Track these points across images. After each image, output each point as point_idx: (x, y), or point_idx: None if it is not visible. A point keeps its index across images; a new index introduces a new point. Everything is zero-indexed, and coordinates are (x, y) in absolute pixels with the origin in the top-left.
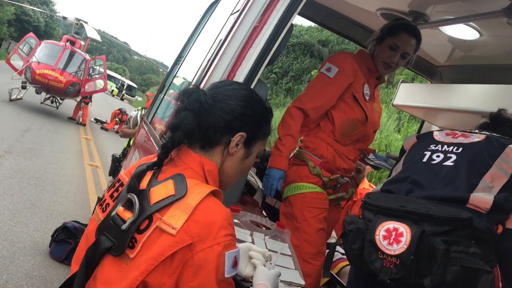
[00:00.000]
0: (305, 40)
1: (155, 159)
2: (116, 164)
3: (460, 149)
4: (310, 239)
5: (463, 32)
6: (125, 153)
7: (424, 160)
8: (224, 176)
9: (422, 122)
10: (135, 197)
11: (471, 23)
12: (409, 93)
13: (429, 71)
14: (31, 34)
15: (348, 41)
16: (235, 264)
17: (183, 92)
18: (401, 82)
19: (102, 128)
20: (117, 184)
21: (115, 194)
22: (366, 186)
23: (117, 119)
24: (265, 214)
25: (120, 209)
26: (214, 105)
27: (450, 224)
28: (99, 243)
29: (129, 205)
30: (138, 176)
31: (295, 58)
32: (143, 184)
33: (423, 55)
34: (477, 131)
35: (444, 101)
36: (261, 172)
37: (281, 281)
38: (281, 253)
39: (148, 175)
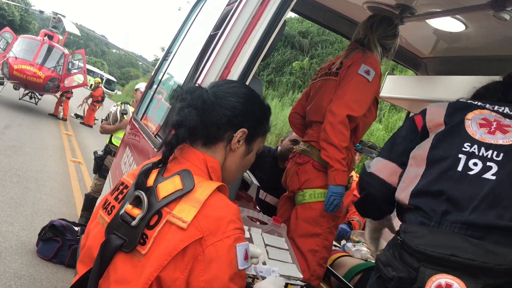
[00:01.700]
0: (286, 32)
1: (159, 158)
2: (100, 163)
3: (501, 155)
4: (329, 245)
5: (449, 24)
6: (107, 150)
7: (460, 168)
8: (226, 172)
9: (408, 114)
10: (143, 193)
11: (457, 15)
12: (395, 85)
13: (414, 63)
14: (7, 28)
15: (328, 32)
16: (246, 256)
17: (185, 90)
18: (388, 74)
19: (87, 125)
20: (121, 187)
21: (120, 197)
22: (354, 177)
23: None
24: (258, 209)
25: (128, 207)
26: (216, 102)
27: (509, 275)
28: (110, 242)
29: (137, 202)
30: (145, 173)
31: (276, 49)
32: (150, 182)
33: (408, 46)
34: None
35: (429, 92)
36: (253, 166)
37: (280, 275)
38: (279, 248)
39: (154, 173)
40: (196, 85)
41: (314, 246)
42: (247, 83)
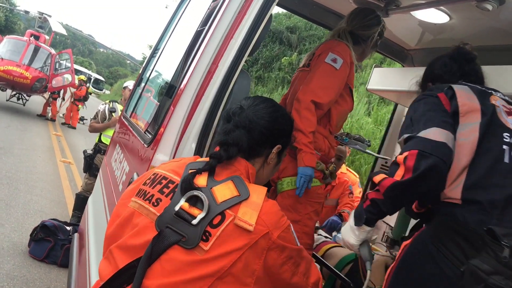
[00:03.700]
0: (274, 27)
1: (199, 159)
2: (90, 161)
3: None
4: (309, 231)
5: (433, 15)
6: (96, 149)
7: (506, 160)
8: (257, 180)
9: (396, 105)
10: (204, 195)
11: (441, 7)
12: (382, 77)
13: (400, 55)
14: None
15: (316, 27)
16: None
17: (232, 112)
18: (375, 67)
19: (68, 125)
20: (164, 181)
21: (166, 191)
22: (344, 170)
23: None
24: None
25: (185, 204)
26: (258, 123)
27: None
28: (165, 235)
29: (194, 202)
30: (193, 177)
31: (264, 45)
32: (202, 183)
33: (394, 39)
34: None
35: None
36: None
37: None
38: None
39: (204, 175)
40: (239, 105)
41: None
42: (234, 77)
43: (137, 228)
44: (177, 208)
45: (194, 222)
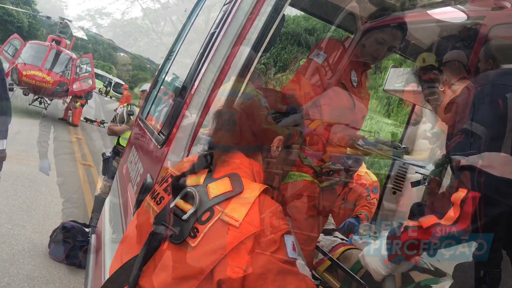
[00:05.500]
0: (292, 30)
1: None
2: (108, 164)
3: None
4: (300, 225)
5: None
6: (115, 151)
7: None
8: (271, 174)
9: (413, 106)
10: (195, 190)
11: (459, 6)
12: (399, 78)
13: (418, 55)
14: (16, 35)
15: (335, 29)
16: (294, 248)
17: (217, 113)
18: (391, 67)
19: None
20: (170, 180)
21: (170, 189)
22: (362, 173)
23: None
24: None
25: (180, 201)
26: (248, 119)
27: None
28: (159, 232)
29: (188, 198)
30: (190, 174)
31: (283, 48)
32: (200, 180)
33: (411, 38)
34: None
35: None
36: None
37: None
38: None
39: (203, 173)
40: (226, 107)
41: None
42: (247, 78)
43: (140, 225)
44: (172, 205)
45: (184, 217)
